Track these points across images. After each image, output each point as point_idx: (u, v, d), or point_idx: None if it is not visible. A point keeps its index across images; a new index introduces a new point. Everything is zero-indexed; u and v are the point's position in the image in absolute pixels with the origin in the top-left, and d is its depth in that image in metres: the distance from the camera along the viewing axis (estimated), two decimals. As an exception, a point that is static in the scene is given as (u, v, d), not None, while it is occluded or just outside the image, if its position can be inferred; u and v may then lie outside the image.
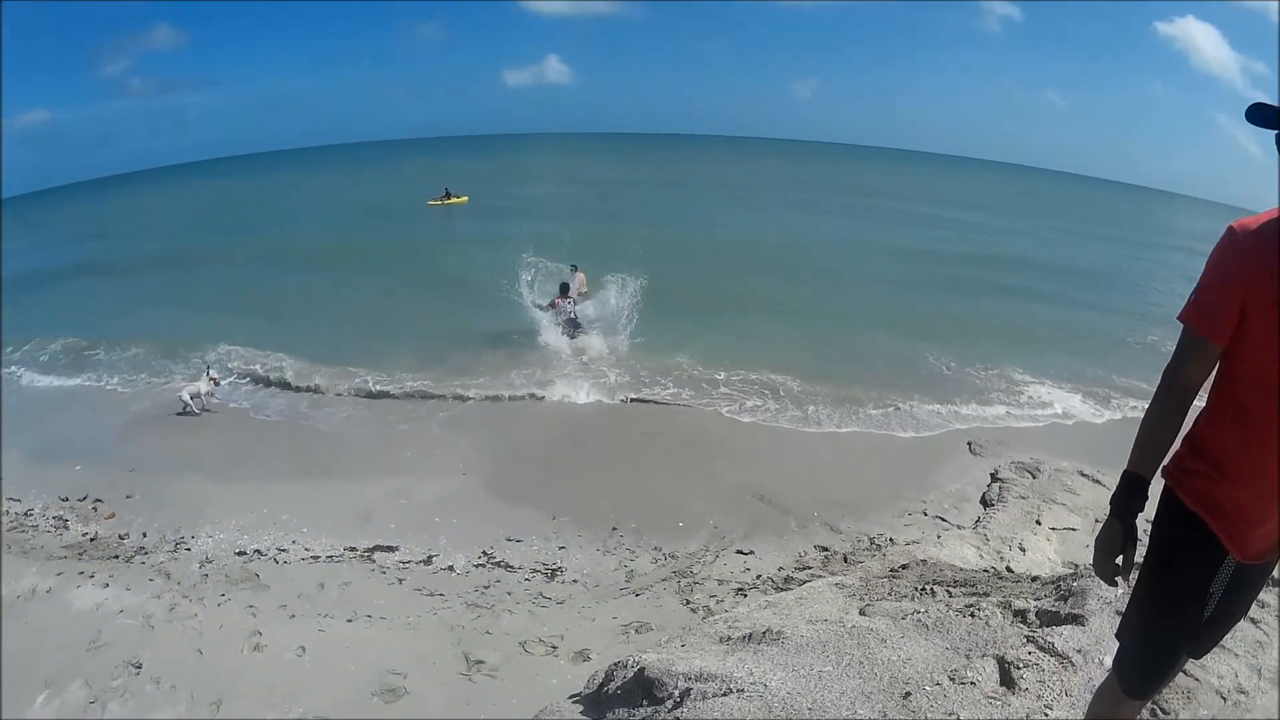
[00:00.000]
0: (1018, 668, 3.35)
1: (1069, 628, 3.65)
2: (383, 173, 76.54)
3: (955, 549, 8.15)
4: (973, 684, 3.24)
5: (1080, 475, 10.50)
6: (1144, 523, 2.23)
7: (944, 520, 9.48)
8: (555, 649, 6.79)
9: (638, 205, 41.19)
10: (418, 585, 8.19)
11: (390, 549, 9.08)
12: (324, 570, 8.56)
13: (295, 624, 7.32)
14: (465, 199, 41.36)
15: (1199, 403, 2.20)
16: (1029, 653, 3.46)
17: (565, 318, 16.84)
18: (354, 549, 9.10)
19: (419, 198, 42.08)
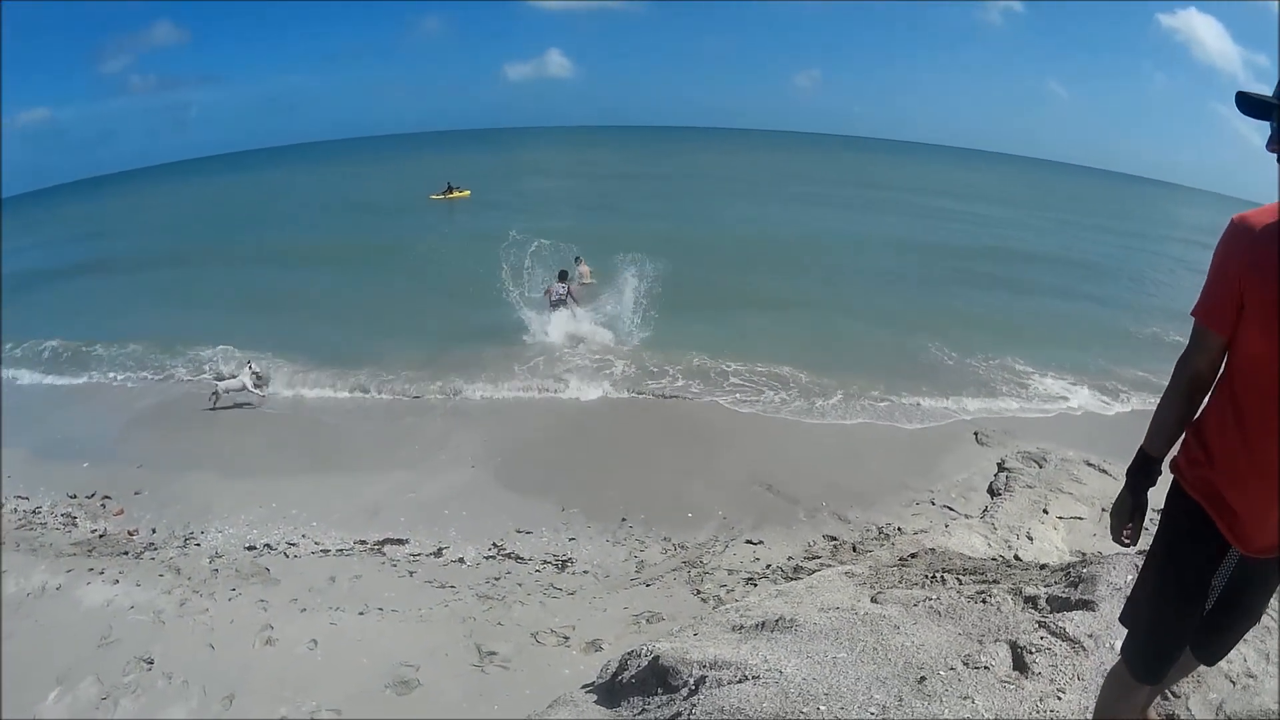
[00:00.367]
0: (1030, 652, 3.37)
1: (1080, 613, 3.66)
2: (385, 168, 76.34)
3: (963, 538, 8.16)
4: (986, 668, 3.27)
5: (1087, 465, 10.49)
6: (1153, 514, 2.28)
7: (951, 510, 9.50)
8: (567, 639, 6.82)
9: (641, 199, 41.15)
10: (428, 578, 8.20)
11: (400, 542, 9.10)
12: (334, 564, 8.58)
13: (306, 618, 7.35)
14: (468, 193, 41.30)
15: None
16: (1041, 638, 3.48)
17: (554, 298, 17.26)
18: (364, 542, 9.13)
19: (421, 193, 41.99)
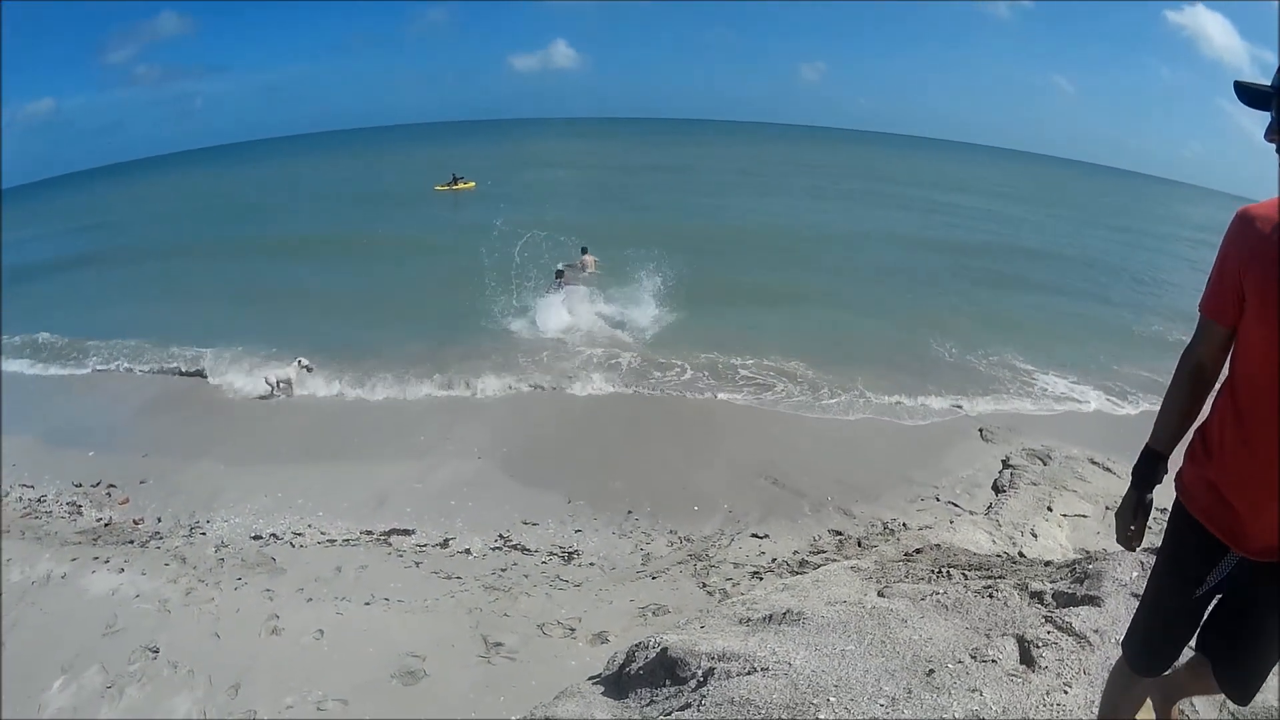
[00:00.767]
0: (1037, 646, 3.39)
1: (1085, 609, 3.69)
2: (390, 159, 76.18)
3: (968, 534, 8.20)
4: (994, 662, 3.29)
5: (1091, 463, 10.53)
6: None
7: (956, 506, 9.52)
8: (573, 631, 6.86)
9: (646, 191, 41.06)
10: (435, 568, 8.23)
11: (406, 532, 9.13)
12: (340, 554, 8.62)
13: (313, 607, 7.39)
14: (473, 184, 41.27)
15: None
16: (1047, 632, 3.50)
17: (556, 290, 17.78)
18: (370, 532, 9.15)
19: (427, 184, 41.99)
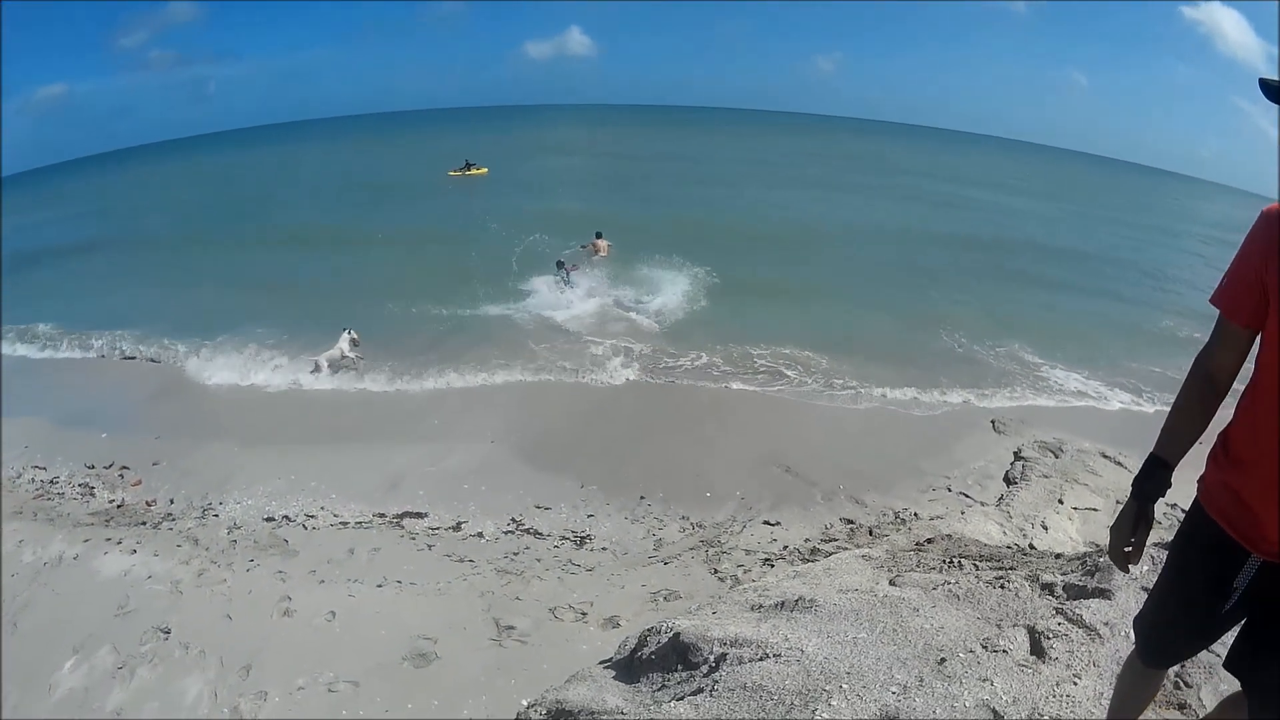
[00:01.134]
0: (1048, 638, 3.41)
1: (1096, 601, 3.69)
2: (404, 144, 76.07)
3: (979, 525, 8.20)
4: (1005, 652, 3.31)
5: (1102, 457, 10.52)
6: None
7: (968, 496, 9.53)
8: (585, 615, 6.91)
9: (658, 181, 40.79)
10: (447, 551, 8.30)
11: (419, 515, 9.20)
12: (353, 536, 8.69)
13: (325, 589, 7.47)
14: (485, 170, 41.25)
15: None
16: (1058, 624, 3.52)
17: (561, 279, 18.19)
18: (383, 515, 9.23)
19: (440, 170, 41.95)
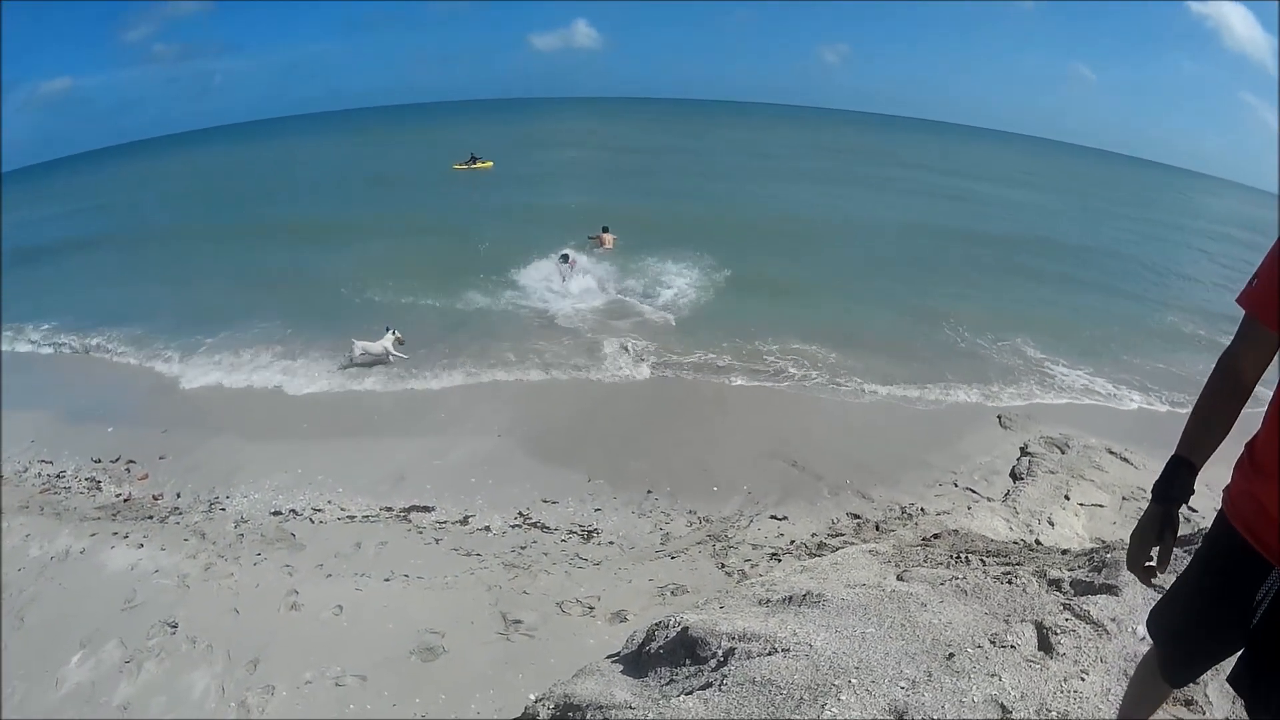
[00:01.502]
0: (1055, 633, 3.41)
1: (1103, 597, 3.69)
2: (408, 137, 76.14)
3: (985, 520, 8.21)
4: (1013, 647, 3.31)
5: (1109, 453, 10.51)
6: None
7: (974, 492, 9.53)
8: (592, 610, 6.92)
9: (664, 175, 40.70)
10: (454, 545, 8.31)
11: (426, 509, 9.22)
12: (360, 530, 8.71)
13: (332, 583, 7.49)
14: (490, 164, 41.28)
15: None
16: (1066, 619, 3.52)
17: (565, 271, 18.47)
18: (390, 509, 9.25)
19: (445, 163, 41.97)
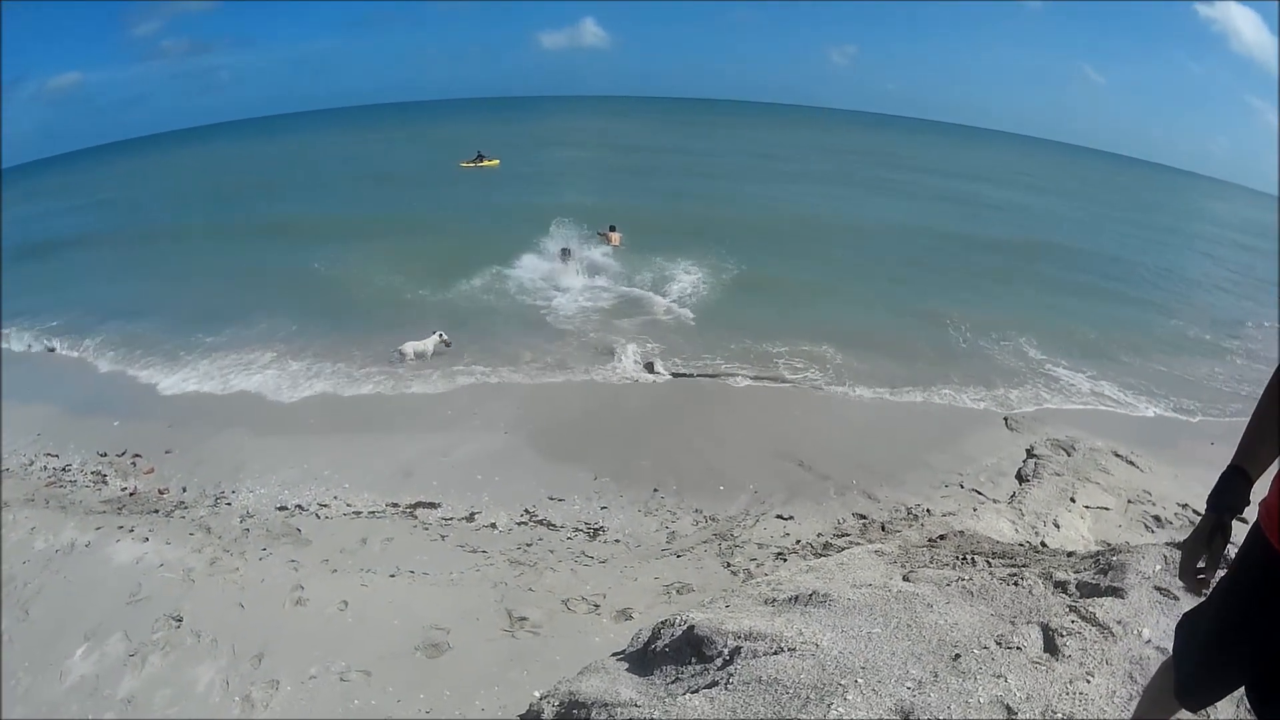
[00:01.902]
0: (1061, 635, 3.41)
1: (1109, 600, 3.69)
2: (416, 134, 76.21)
3: (991, 522, 8.20)
4: (1019, 649, 3.32)
5: (1115, 456, 10.51)
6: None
7: (980, 493, 9.52)
8: (598, 607, 6.92)
9: (670, 175, 40.55)
10: (460, 542, 8.33)
11: (432, 505, 9.23)
12: (366, 526, 8.72)
13: (337, 579, 7.49)
14: (497, 162, 41.36)
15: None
16: (1071, 621, 3.52)
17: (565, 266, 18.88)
18: (396, 505, 9.26)
19: (452, 160, 42.00)
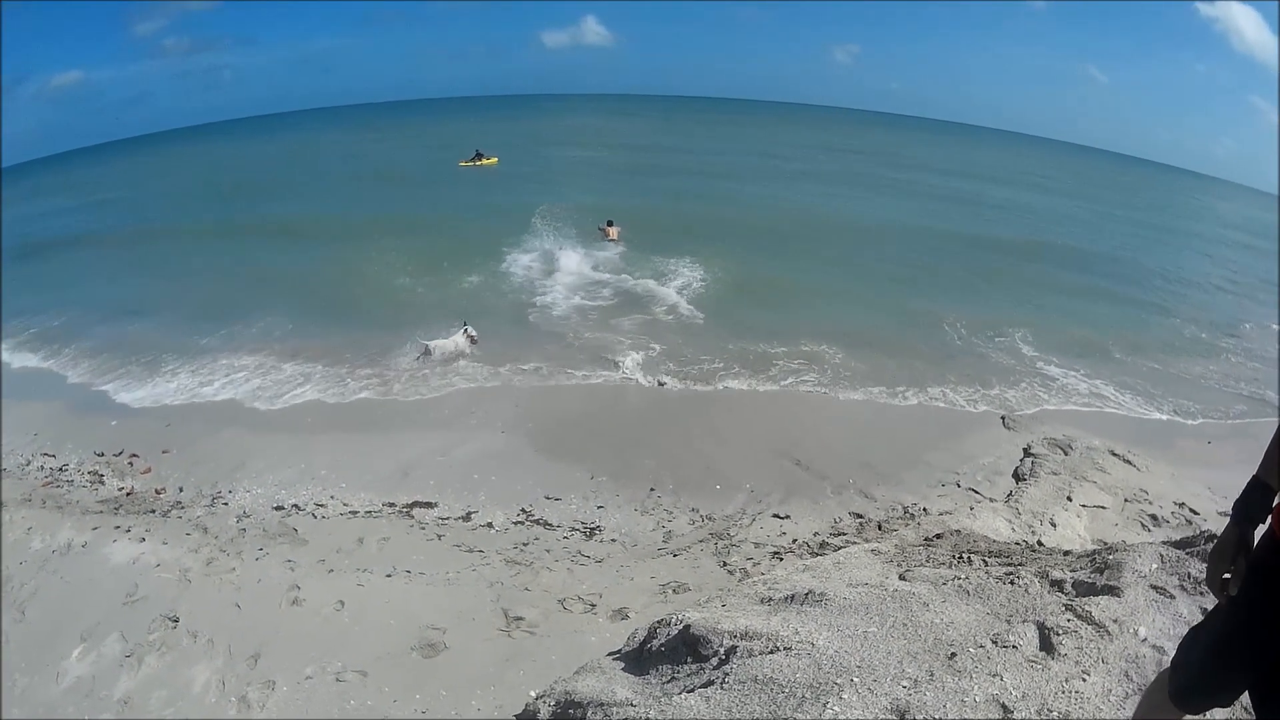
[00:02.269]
0: (1057, 634, 3.40)
1: (1105, 598, 3.68)
2: (417, 132, 76.02)
3: (988, 521, 8.20)
4: (1014, 648, 3.31)
5: (1112, 455, 10.52)
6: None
7: (976, 492, 9.54)
8: (594, 607, 6.93)
9: (671, 175, 40.29)
10: (457, 541, 8.33)
11: (429, 505, 9.23)
12: (362, 525, 8.72)
13: (334, 579, 7.51)
14: (495, 160, 41.30)
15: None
16: (1067, 620, 3.51)
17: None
18: (392, 504, 9.26)
19: (451, 159, 41.94)
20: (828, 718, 2.91)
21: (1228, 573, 1.97)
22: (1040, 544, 7.43)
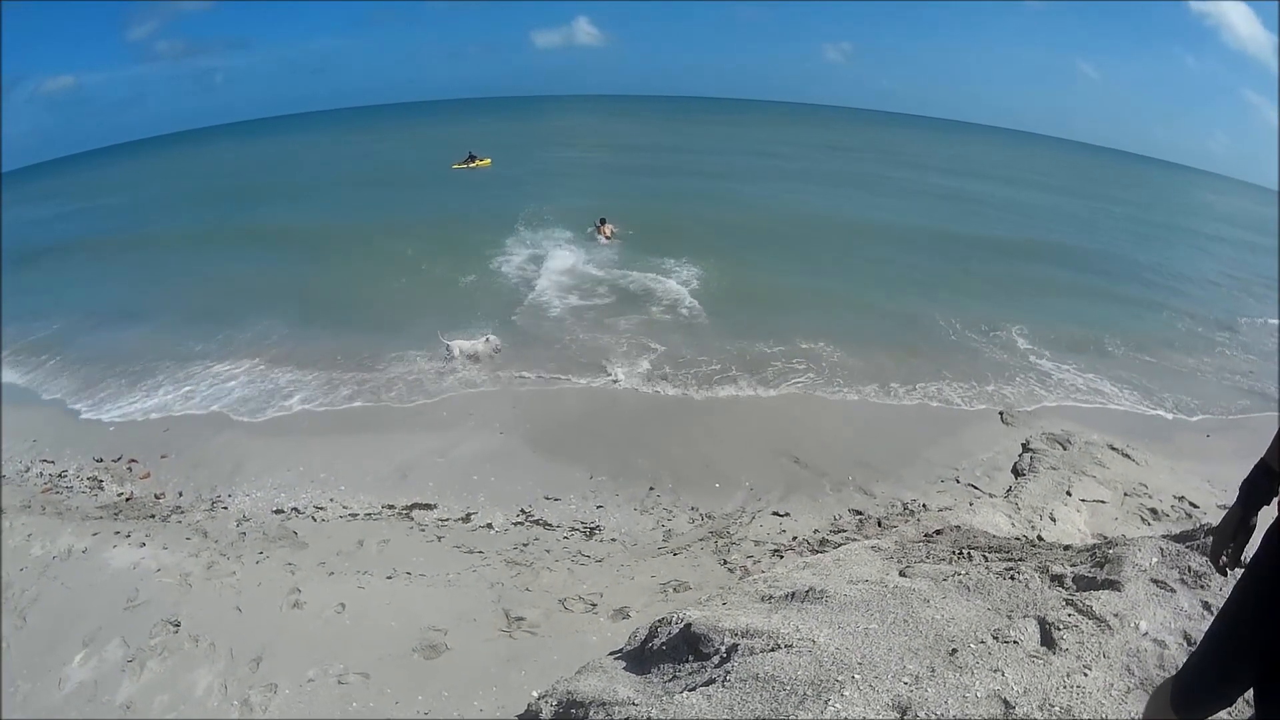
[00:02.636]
0: (1058, 629, 3.40)
1: (1106, 593, 3.68)
2: (409, 135, 75.95)
3: (987, 516, 8.21)
4: (1016, 643, 3.31)
5: (1111, 449, 10.53)
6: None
7: (976, 488, 9.55)
8: (595, 606, 6.93)
9: (665, 175, 40.19)
10: (457, 543, 8.33)
11: (429, 506, 9.23)
12: (362, 528, 8.72)
13: (334, 581, 7.49)
14: (489, 162, 41.21)
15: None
16: (1068, 615, 3.51)
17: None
18: (392, 506, 9.26)
19: (444, 162, 41.85)
20: (829, 715, 2.92)
21: (1229, 550, 2.02)
22: (1040, 539, 7.43)
